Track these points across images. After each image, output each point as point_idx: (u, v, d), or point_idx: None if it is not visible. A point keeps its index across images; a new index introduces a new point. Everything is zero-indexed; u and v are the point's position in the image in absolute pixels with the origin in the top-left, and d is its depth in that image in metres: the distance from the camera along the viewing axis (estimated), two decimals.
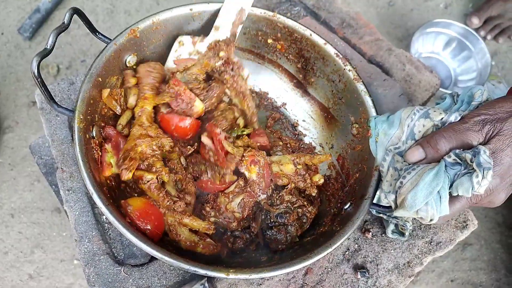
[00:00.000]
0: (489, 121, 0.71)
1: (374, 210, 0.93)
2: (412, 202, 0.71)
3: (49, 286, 1.41)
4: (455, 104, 0.83)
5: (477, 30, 1.94)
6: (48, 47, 0.75)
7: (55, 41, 0.76)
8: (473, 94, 0.80)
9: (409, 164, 0.77)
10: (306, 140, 1.10)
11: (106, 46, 0.86)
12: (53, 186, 1.06)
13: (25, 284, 1.41)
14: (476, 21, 1.94)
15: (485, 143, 0.71)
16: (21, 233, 1.48)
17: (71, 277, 1.43)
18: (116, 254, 0.92)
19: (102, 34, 0.89)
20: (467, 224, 1.00)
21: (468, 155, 0.68)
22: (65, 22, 0.79)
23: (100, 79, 0.84)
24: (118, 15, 1.92)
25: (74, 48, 1.84)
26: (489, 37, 1.98)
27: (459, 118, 0.77)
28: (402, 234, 0.96)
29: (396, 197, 0.77)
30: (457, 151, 0.71)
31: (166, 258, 0.72)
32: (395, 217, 0.95)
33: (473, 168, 0.67)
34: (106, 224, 0.94)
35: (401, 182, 0.75)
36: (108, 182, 0.83)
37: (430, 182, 0.70)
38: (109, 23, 1.90)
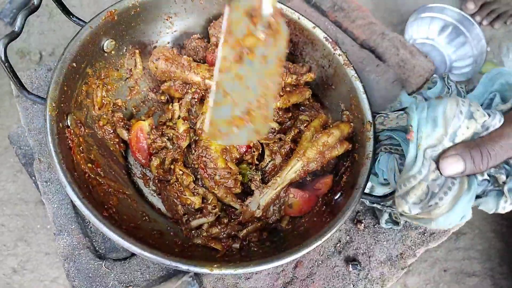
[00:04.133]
0: None
1: (368, 201, 0.90)
2: (443, 224, 0.66)
3: (33, 280, 1.38)
4: (447, 87, 0.78)
5: (472, 15, 1.90)
6: (17, 29, 0.70)
7: (24, 23, 0.71)
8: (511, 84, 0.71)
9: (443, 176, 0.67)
10: None
11: (81, 29, 0.81)
12: (33, 178, 1.02)
13: (8, 278, 1.37)
14: (471, 6, 1.90)
15: None
16: (4, 226, 1.44)
17: (56, 270, 1.39)
18: (97, 248, 0.88)
19: (76, 17, 0.84)
20: None
21: (502, 177, 0.62)
22: (35, 3, 0.74)
23: (74, 64, 0.79)
24: (103, 0, 1.85)
25: (57, 34, 1.77)
26: (485, 22, 1.94)
27: (502, 120, 0.66)
28: (397, 224, 0.93)
29: (421, 211, 0.68)
30: (492, 170, 0.64)
31: (146, 254, 0.68)
32: (390, 206, 0.91)
33: (502, 190, 0.62)
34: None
35: (436, 203, 0.66)
36: (87, 177, 0.79)
37: (464, 206, 0.64)
38: (94, 7, 1.83)
